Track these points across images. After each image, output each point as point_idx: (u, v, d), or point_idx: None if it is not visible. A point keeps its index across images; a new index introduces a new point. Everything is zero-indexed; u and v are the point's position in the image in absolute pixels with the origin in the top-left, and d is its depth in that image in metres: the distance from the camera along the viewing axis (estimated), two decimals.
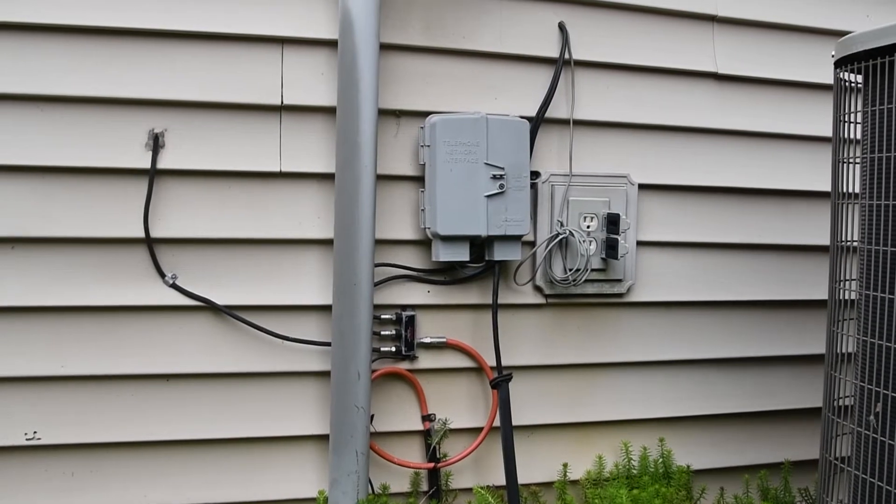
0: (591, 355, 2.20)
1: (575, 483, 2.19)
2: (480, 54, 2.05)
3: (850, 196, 1.63)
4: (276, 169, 1.93)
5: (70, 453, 1.87)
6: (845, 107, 1.63)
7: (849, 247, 1.64)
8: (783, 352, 2.36)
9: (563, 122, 2.12)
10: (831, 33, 2.29)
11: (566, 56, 2.09)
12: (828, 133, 1.80)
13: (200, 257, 1.91)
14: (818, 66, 2.26)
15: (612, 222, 2.09)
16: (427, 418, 2.07)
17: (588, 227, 2.11)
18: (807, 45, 2.30)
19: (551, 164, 2.12)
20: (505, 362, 2.06)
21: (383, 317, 2.01)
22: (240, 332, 1.93)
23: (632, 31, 2.16)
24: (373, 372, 1.95)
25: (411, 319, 2.03)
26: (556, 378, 2.18)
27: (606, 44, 2.14)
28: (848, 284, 1.65)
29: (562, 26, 2.10)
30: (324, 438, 1.97)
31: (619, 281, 2.17)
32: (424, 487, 2.07)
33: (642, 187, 2.19)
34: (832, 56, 1.64)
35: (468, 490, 2.08)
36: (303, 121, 1.94)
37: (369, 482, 1.95)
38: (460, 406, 2.11)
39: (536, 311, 2.15)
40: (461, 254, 1.98)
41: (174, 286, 1.89)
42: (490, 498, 1.91)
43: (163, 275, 1.88)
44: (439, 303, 2.06)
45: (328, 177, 1.94)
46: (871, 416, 1.50)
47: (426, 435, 2.07)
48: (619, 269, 2.16)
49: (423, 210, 1.99)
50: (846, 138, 1.64)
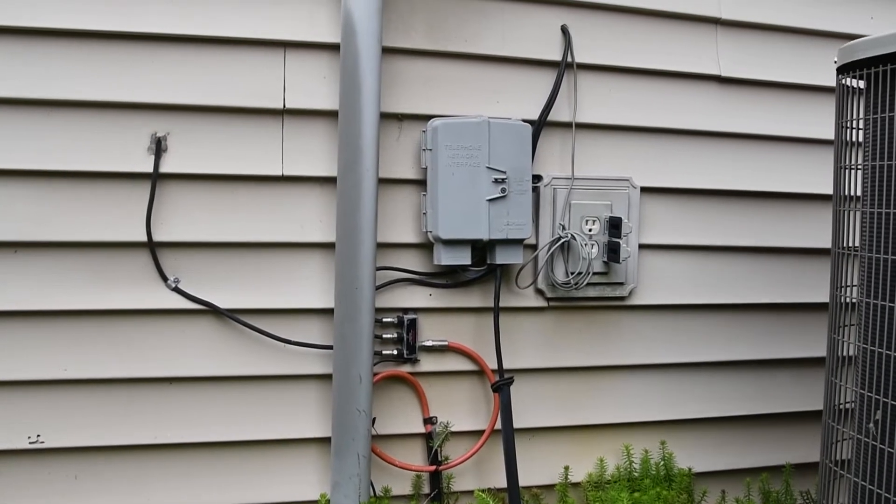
0: (593, 358, 2.20)
1: (576, 486, 2.20)
2: (483, 58, 2.05)
3: (852, 199, 1.63)
4: (279, 173, 1.93)
5: (73, 456, 1.88)
6: (848, 113, 1.63)
7: (850, 251, 1.64)
8: (785, 355, 2.36)
9: (566, 125, 2.11)
10: (835, 35, 2.28)
11: (568, 59, 2.08)
12: (831, 136, 1.80)
13: (202, 261, 1.91)
14: (822, 68, 2.24)
15: (614, 226, 2.09)
16: (428, 421, 2.08)
17: (590, 230, 2.11)
18: (811, 47, 2.29)
19: (553, 167, 2.12)
20: (507, 365, 2.07)
21: (385, 320, 2.01)
22: (242, 335, 1.94)
23: (634, 34, 2.16)
24: (374, 375, 1.96)
25: (413, 323, 2.03)
26: (558, 381, 2.19)
27: (609, 47, 2.14)
28: (849, 290, 1.65)
29: (564, 29, 2.09)
30: (325, 441, 1.97)
31: (621, 284, 2.17)
32: (426, 490, 2.08)
33: (644, 190, 2.19)
34: (835, 62, 1.64)
35: (470, 492, 2.09)
36: (305, 124, 1.94)
37: (371, 485, 1.96)
38: (462, 409, 2.11)
39: (538, 315, 2.15)
40: (463, 257, 1.98)
41: (176, 290, 1.89)
42: (491, 501, 1.91)
43: (165, 278, 1.88)
44: (441, 306, 2.06)
45: (330, 180, 1.94)
46: (871, 424, 1.50)
47: (428, 438, 2.08)
48: (621, 272, 2.16)
49: (424, 214, 1.99)
50: (849, 140, 1.64)
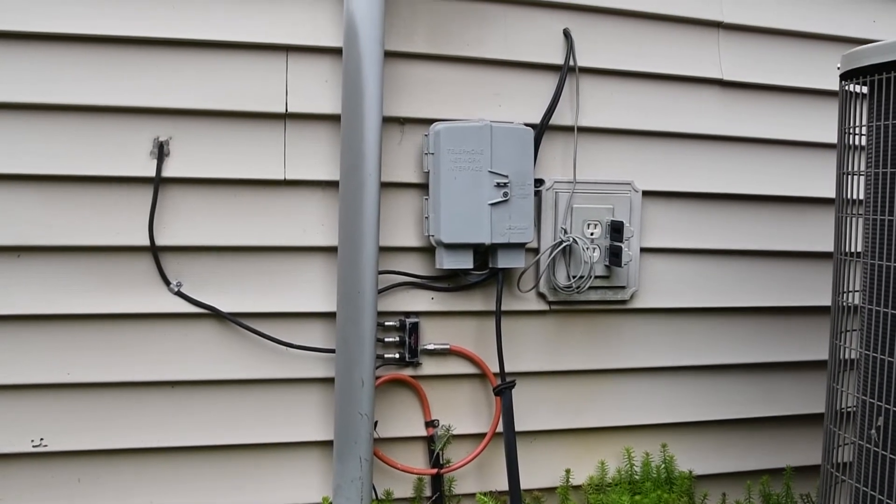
0: (594, 361, 2.21)
1: (577, 489, 2.21)
2: (485, 61, 2.05)
3: (854, 203, 1.63)
4: (281, 177, 1.93)
5: (76, 460, 1.88)
6: (850, 120, 1.63)
7: (853, 255, 1.64)
8: (786, 358, 2.36)
9: (568, 129, 2.11)
10: (838, 39, 2.29)
11: (571, 63, 2.08)
12: (832, 140, 1.80)
13: (205, 265, 1.91)
14: (824, 71, 2.25)
15: (616, 230, 2.09)
16: (430, 424, 2.08)
17: (592, 234, 2.12)
18: (813, 50, 2.29)
19: (555, 171, 2.12)
20: (508, 368, 2.07)
21: (387, 324, 2.02)
22: (244, 339, 1.94)
23: (637, 37, 2.15)
24: (377, 378, 1.96)
25: (415, 326, 2.03)
26: (559, 384, 2.19)
27: (611, 50, 2.14)
28: (851, 295, 1.65)
29: (567, 33, 2.09)
30: (328, 444, 1.98)
31: (623, 288, 2.18)
32: (428, 493, 2.08)
33: (646, 194, 2.19)
34: (838, 68, 1.64)
35: (471, 495, 2.10)
36: (307, 128, 1.94)
37: (373, 488, 1.97)
38: (463, 412, 2.11)
39: (540, 318, 2.15)
40: (465, 261, 1.99)
41: (179, 294, 1.89)
42: None
43: (168, 282, 1.89)
44: (443, 310, 2.06)
45: (332, 184, 1.94)
46: (873, 431, 1.51)
47: (429, 441, 2.08)
48: (623, 275, 2.16)
49: (426, 218, 1.99)
50: (852, 144, 1.64)
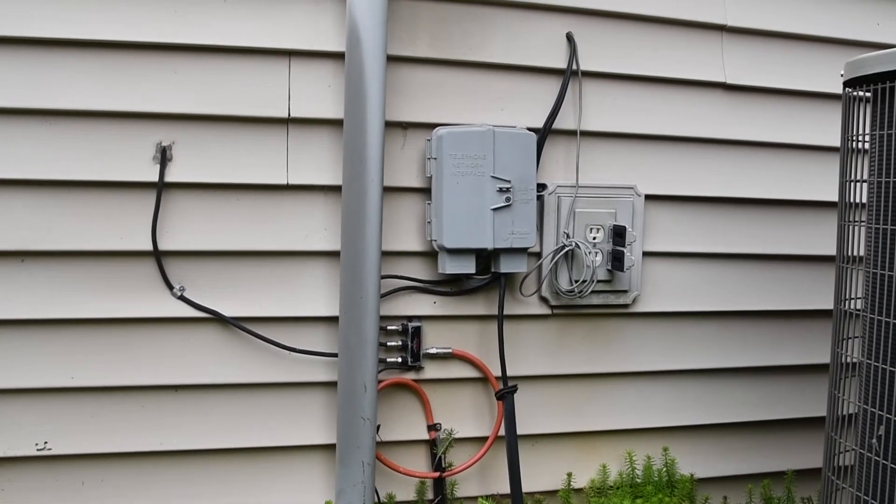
0: (596, 365, 2.21)
1: (579, 491, 2.21)
2: (487, 66, 2.04)
3: (858, 208, 1.63)
4: (283, 181, 1.93)
5: (80, 463, 1.89)
6: (854, 128, 1.62)
7: (856, 261, 1.64)
8: (787, 361, 2.36)
9: (571, 133, 2.11)
10: (842, 42, 2.28)
11: (574, 67, 2.08)
12: (836, 143, 1.79)
13: (208, 269, 1.92)
14: (827, 75, 2.24)
15: (618, 234, 2.09)
16: (432, 428, 2.09)
17: (594, 238, 2.12)
18: (816, 54, 2.28)
19: (558, 175, 2.12)
20: (510, 372, 2.07)
21: (390, 328, 2.02)
22: (247, 343, 1.95)
23: (640, 41, 2.15)
24: (379, 382, 1.97)
25: (417, 330, 2.04)
26: (561, 388, 2.20)
27: (614, 54, 2.13)
28: (853, 302, 1.65)
29: (570, 37, 2.09)
30: (330, 448, 1.99)
31: (625, 292, 2.18)
32: (430, 496, 2.09)
33: (649, 198, 2.19)
34: (841, 76, 1.63)
35: (473, 499, 2.11)
36: (310, 133, 1.94)
37: (375, 491, 1.97)
38: (465, 416, 2.12)
39: (542, 322, 2.16)
40: (467, 266, 1.99)
41: (182, 298, 1.90)
42: None
43: (171, 287, 1.89)
44: (445, 314, 2.07)
45: (335, 189, 1.94)
46: (874, 440, 1.51)
47: (432, 444, 2.09)
48: (625, 279, 2.16)
49: (429, 222, 1.99)
50: (855, 149, 1.63)
